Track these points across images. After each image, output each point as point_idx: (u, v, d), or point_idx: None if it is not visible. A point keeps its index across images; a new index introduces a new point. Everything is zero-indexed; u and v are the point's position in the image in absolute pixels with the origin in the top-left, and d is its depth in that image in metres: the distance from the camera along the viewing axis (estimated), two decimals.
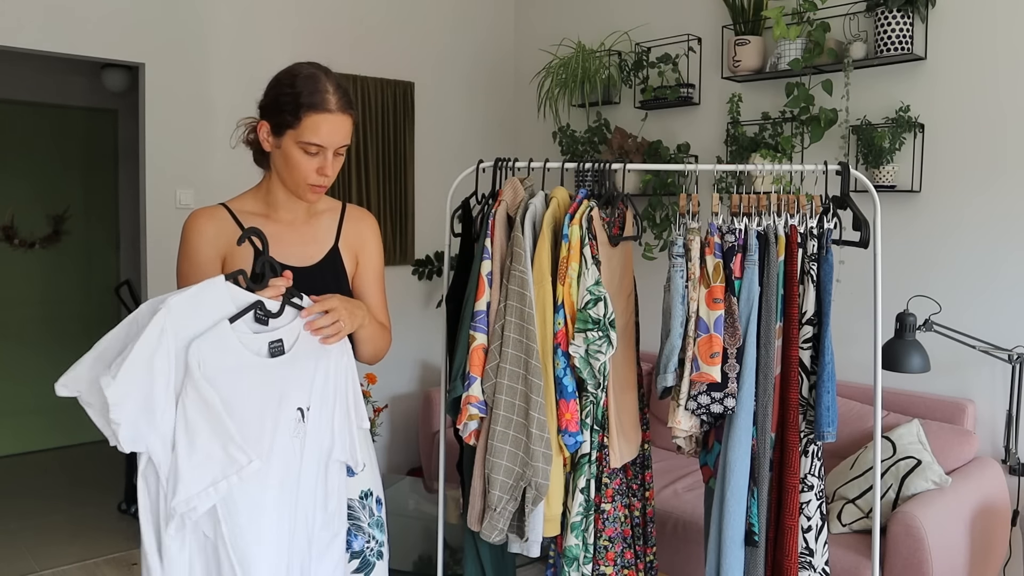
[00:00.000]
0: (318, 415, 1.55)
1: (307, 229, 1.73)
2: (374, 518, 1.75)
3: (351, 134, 1.65)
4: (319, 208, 1.78)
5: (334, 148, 1.61)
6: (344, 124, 1.61)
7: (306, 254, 1.71)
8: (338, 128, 1.60)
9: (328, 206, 1.80)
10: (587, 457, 2.06)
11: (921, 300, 3.10)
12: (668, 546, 2.89)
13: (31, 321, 5.10)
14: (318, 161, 1.60)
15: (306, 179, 1.62)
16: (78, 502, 4.26)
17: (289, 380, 1.49)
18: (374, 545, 1.73)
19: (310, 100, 1.57)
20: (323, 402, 1.56)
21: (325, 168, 1.61)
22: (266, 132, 1.64)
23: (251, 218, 1.69)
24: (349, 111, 1.62)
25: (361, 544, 1.71)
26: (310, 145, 1.58)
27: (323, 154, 1.60)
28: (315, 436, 1.54)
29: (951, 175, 3.16)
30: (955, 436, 2.90)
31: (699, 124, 3.93)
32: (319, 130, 1.58)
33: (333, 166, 1.63)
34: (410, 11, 4.35)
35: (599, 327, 1.98)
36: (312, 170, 1.61)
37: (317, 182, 1.62)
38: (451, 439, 3.46)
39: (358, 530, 1.71)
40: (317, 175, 1.62)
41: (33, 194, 5.07)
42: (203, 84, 3.67)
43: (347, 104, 1.62)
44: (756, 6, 3.58)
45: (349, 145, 1.67)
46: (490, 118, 4.74)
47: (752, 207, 2.08)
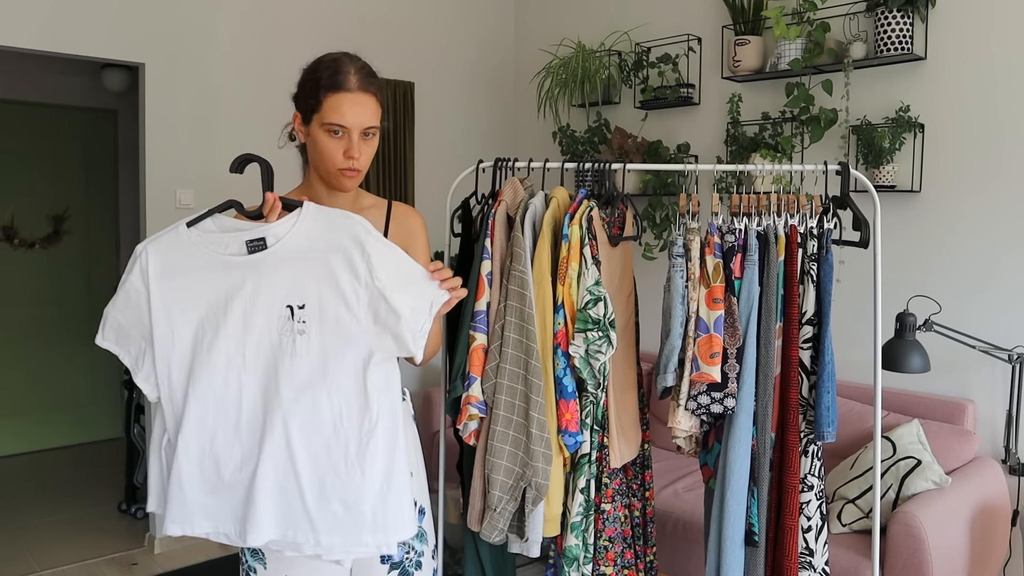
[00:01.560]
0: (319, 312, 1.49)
1: None
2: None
3: (377, 116, 1.64)
4: (364, 204, 1.75)
5: (359, 129, 1.60)
6: (365, 103, 1.61)
7: None
8: (359, 107, 1.60)
9: (373, 202, 1.77)
10: (587, 457, 2.06)
11: (921, 300, 3.10)
12: (668, 546, 2.89)
13: (31, 321, 5.10)
14: (344, 143, 1.60)
15: (335, 163, 1.61)
16: (78, 502, 4.26)
17: (276, 277, 1.48)
18: (413, 556, 1.69)
19: (329, 81, 1.59)
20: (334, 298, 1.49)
21: (351, 150, 1.60)
22: (298, 122, 1.67)
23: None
24: (370, 90, 1.62)
25: (401, 554, 1.68)
26: (333, 126, 1.59)
27: (347, 136, 1.60)
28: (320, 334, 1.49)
29: (951, 175, 3.16)
30: (955, 436, 2.90)
31: (699, 124, 3.93)
32: (339, 109, 1.58)
33: (362, 149, 1.62)
34: (410, 11, 4.35)
35: (599, 327, 1.98)
36: (339, 153, 1.60)
37: (345, 165, 1.61)
38: (451, 439, 3.46)
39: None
40: (344, 158, 1.60)
41: (33, 194, 5.07)
42: (203, 84, 3.67)
43: (368, 84, 1.62)
44: (756, 6, 3.58)
45: (379, 128, 1.66)
46: (490, 118, 4.74)
47: (752, 207, 2.08)
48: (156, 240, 1.52)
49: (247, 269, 1.49)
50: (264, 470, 1.48)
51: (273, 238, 1.50)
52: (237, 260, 1.49)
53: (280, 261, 1.49)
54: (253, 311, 1.48)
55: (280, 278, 1.49)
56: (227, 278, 1.49)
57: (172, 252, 1.51)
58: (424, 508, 1.74)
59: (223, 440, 1.50)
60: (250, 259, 1.49)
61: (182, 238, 1.51)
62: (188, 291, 1.50)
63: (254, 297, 1.48)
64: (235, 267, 1.49)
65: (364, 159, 1.64)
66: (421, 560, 1.71)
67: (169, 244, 1.51)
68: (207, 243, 1.50)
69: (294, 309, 1.49)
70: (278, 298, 1.49)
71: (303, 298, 1.49)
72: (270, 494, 1.48)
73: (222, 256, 1.49)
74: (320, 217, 1.52)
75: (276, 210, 1.50)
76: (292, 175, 1.84)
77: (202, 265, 1.50)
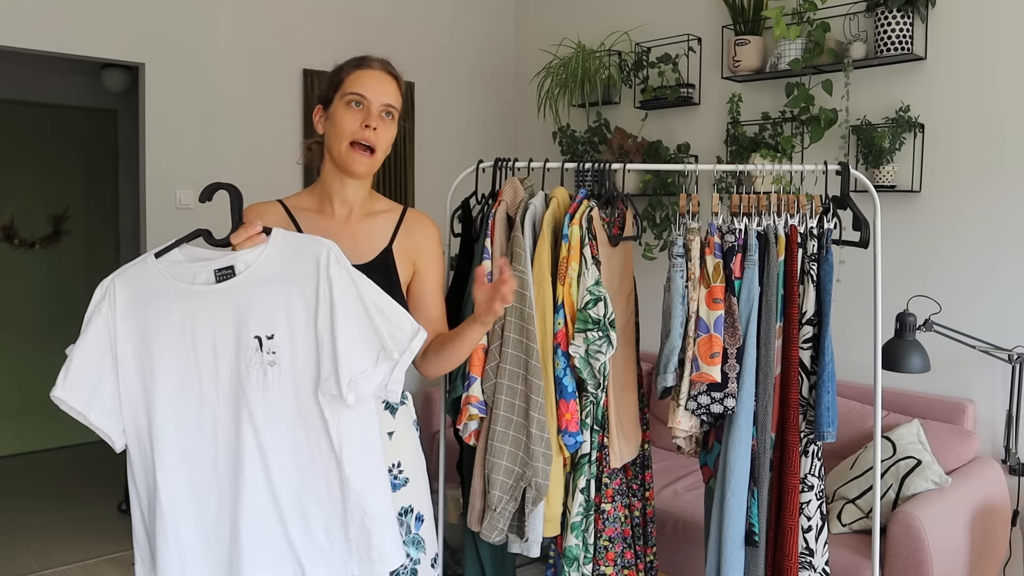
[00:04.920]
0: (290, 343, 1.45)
1: (361, 227, 1.71)
2: (410, 535, 1.68)
3: (398, 99, 1.68)
4: (377, 208, 1.75)
5: (378, 103, 1.64)
6: (387, 81, 1.67)
7: (356, 252, 1.66)
8: (380, 82, 1.65)
9: (387, 207, 1.77)
10: (587, 457, 2.06)
11: (921, 300, 3.10)
12: (668, 546, 2.89)
13: (31, 321, 5.10)
14: (362, 115, 1.63)
15: (350, 134, 1.62)
16: (78, 502, 4.26)
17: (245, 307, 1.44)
18: (409, 564, 1.67)
19: (354, 62, 1.68)
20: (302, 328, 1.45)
21: (370, 119, 1.62)
22: (319, 116, 1.70)
23: (305, 214, 1.69)
24: (392, 72, 1.69)
25: None
26: (354, 96, 1.63)
27: (367, 108, 1.63)
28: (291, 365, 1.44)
29: (951, 175, 3.16)
30: (955, 436, 2.90)
31: (699, 124, 3.93)
32: (361, 80, 1.64)
33: (380, 125, 1.63)
34: (410, 11, 4.35)
35: (599, 327, 1.98)
36: (357, 123, 1.62)
37: (360, 136, 1.61)
38: (451, 439, 3.46)
39: None
40: (361, 128, 1.62)
41: (33, 194, 5.07)
42: (203, 84, 3.67)
43: (390, 67, 1.69)
44: (756, 6, 3.58)
45: (398, 113, 1.68)
46: (490, 118, 4.74)
47: (752, 207, 2.08)
48: (123, 272, 1.47)
49: (216, 298, 1.44)
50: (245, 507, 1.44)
51: (243, 265, 1.45)
52: (206, 290, 1.44)
53: (249, 289, 1.45)
54: (224, 342, 1.44)
55: (249, 307, 1.44)
56: (196, 308, 1.44)
57: (140, 283, 1.46)
58: (423, 515, 1.72)
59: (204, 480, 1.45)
60: (219, 288, 1.45)
61: (150, 269, 1.46)
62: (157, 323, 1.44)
63: (224, 328, 1.44)
64: (204, 297, 1.44)
65: (381, 138, 1.65)
66: (417, 568, 1.68)
67: (137, 275, 1.46)
68: (175, 274, 1.45)
69: (262, 340, 1.44)
70: (246, 328, 1.44)
71: (272, 327, 1.44)
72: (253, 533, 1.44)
73: (190, 286, 1.44)
74: (288, 243, 1.48)
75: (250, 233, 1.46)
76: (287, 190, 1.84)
77: (168, 296, 1.44)
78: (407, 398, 1.75)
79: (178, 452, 1.45)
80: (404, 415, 1.72)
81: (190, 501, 1.45)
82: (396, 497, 1.66)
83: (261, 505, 1.45)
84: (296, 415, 1.45)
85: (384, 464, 1.51)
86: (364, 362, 1.45)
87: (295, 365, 1.45)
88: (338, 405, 1.45)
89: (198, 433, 1.45)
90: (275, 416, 1.45)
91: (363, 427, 1.48)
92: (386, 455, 1.64)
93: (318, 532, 1.47)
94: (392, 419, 1.69)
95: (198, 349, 1.44)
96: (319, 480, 1.46)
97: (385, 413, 1.68)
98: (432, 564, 1.72)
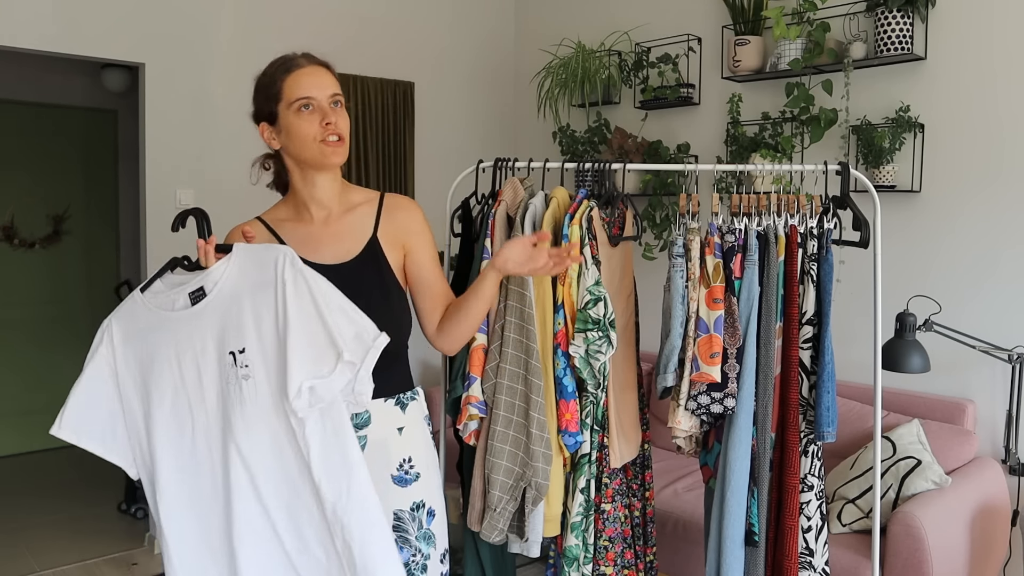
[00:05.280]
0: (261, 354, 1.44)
1: (342, 225, 1.70)
2: (422, 531, 1.67)
3: (337, 86, 1.66)
4: (354, 201, 1.74)
5: (325, 98, 1.62)
6: (322, 74, 1.64)
7: (342, 250, 1.67)
8: (317, 77, 1.63)
9: (365, 198, 1.76)
10: (587, 457, 2.06)
11: (921, 300, 3.10)
12: (668, 546, 2.89)
13: (31, 321, 5.10)
14: (317, 114, 1.61)
15: (316, 136, 1.60)
16: (78, 502, 4.26)
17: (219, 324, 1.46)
18: (419, 559, 1.66)
19: (281, 68, 1.64)
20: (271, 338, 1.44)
21: (327, 117, 1.61)
22: (267, 132, 1.66)
23: (284, 225, 1.69)
24: (321, 63, 1.66)
25: (407, 556, 1.65)
26: (301, 100, 1.60)
27: (318, 107, 1.61)
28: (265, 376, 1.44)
29: (951, 175, 3.16)
30: (955, 436, 2.90)
31: (699, 124, 3.93)
32: (299, 84, 1.61)
33: (336, 116, 1.62)
34: (410, 11, 4.35)
35: (599, 327, 1.98)
36: (316, 125, 1.61)
37: (326, 135, 1.61)
38: (451, 439, 3.46)
39: (404, 542, 1.65)
40: (323, 128, 1.61)
41: (33, 194, 5.06)
42: (203, 84, 3.67)
43: (314, 60, 1.66)
44: (756, 6, 3.58)
45: (343, 97, 1.67)
46: (490, 118, 4.74)
47: (752, 207, 2.08)
48: (117, 311, 1.53)
49: (193, 321, 1.47)
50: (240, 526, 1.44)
51: (211, 284, 1.48)
52: (184, 314, 1.48)
53: (218, 307, 1.47)
54: (206, 362, 1.46)
55: (223, 324, 1.46)
56: (177, 334, 1.47)
57: (131, 319, 1.51)
58: (435, 510, 1.71)
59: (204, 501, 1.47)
60: (194, 311, 1.47)
61: (137, 304, 1.51)
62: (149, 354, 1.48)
63: (204, 348, 1.46)
64: (183, 322, 1.47)
65: (342, 126, 1.64)
66: (427, 563, 1.68)
67: (127, 312, 1.52)
68: (158, 304, 1.50)
69: (236, 354, 1.45)
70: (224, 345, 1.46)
71: (242, 341, 1.45)
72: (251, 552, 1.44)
73: (170, 314, 1.48)
74: (247, 255, 1.49)
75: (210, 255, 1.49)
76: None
77: (154, 326, 1.49)
78: (418, 393, 1.75)
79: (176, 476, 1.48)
80: (415, 410, 1.72)
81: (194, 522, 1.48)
82: (408, 492, 1.66)
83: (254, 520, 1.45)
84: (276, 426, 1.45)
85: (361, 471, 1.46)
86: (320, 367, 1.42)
87: (268, 376, 1.45)
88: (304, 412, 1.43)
89: (192, 455, 1.48)
90: (255, 430, 1.45)
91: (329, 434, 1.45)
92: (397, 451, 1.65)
93: (315, 546, 1.46)
94: (402, 414, 1.69)
95: (184, 373, 1.47)
96: (307, 492, 1.45)
97: (395, 409, 1.68)
98: (441, 559, 1.71)
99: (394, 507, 1.65)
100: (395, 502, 1.65)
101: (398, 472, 1.66)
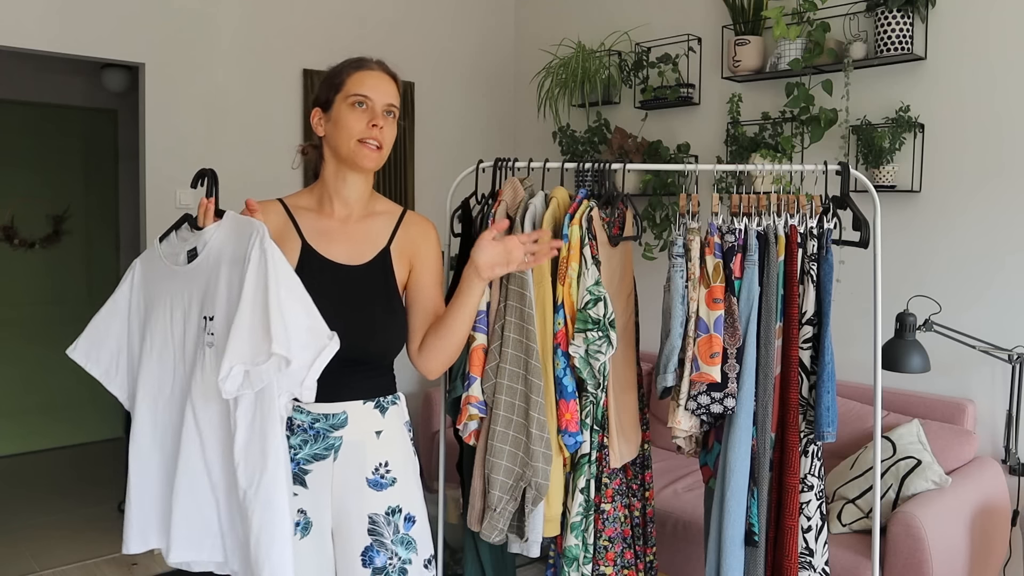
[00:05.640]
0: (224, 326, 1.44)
1: (360, 228, 1.71)
2: (398, 535, 1.67)
3: (397, 98, 1.71)
4: (376, 209, 1.76)
5: (382, 104, 1.66)
6: (387, 81, 1.70)
7: (355, 253, 1.68)
8: (382, 83, 1.68)
9: (387, 208, 1.77)
10: (587, 457, 2.06)
11: (921, 300, 3.10)
12: (668, 546, 2.89)
13: (30, 321, 5.10)
14: (368, 115, 1.64)
15: (357, 134, 1.63)
16: (78, 502, 4.26)
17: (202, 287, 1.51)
18: (396, 562, 1.66)
19: (353, 64, 1.70)
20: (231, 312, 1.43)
21: (376, 119, 1.64)
22: (318, 118, 1.71)
23: (304, 212, 1.70)
24: (390, 73, 1.72)
25: (383, 560, 1.65)
26: (357, 97, 1.64)
27: (371, 107, 1.65)
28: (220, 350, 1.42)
29: (951, 175, 3.16)
30: (955, 436, 2.90)
31: (699, 124, 3.93)
32: (363, 82, 1.66)
33: (385, 124, 1.66)
34: (410, 11, 4.35)
35: (599, 327, 1.98)
36: (363, 123, 1.64)
37: (368, 135, 1.63)
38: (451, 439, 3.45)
39: (380, 546, 1.65)
40: (368, 128, 1.63)
41: (33, 194, 5.06)
42: (203, 84, 3.67)
43: (389, 68, 1.72)
44: (756, 6, 3.58)
45: (398, 112, 1.71)
46: (490, 118, 4.74)
47: (752, 207, 2.08)
48: (144, 253, 1.63)
49: (185, 277, 1.54)
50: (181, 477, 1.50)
51: (202, 245, 1.53)
52: (181, 270, 1.55)
53: (203, 270, 1.52)
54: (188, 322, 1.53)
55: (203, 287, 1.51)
56: (173, 288, 1.55)
57: (149, 263, 1.61)
58: (414, 516, 1.70)
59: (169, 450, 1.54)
60: (188, 268, 1.54)
61: (154, 251, 1.60)
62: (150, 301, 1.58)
63: (189, 308, 1.53)
64: (179, 276, 1.54)
65: (387, 136, 1.67)
66: (407, 568, 1.67)
67: (148, 256, 1.61)
68: (167, 254, 1.58)
69: (207, 320, 1.50)
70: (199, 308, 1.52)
71: (212, 308, 1.49)
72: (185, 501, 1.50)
73: (173, 267, 1.56)
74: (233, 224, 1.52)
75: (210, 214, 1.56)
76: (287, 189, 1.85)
77: (162, 275, 1.57)
78: (399, 398, 1.76)
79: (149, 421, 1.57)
80: (394, 415, 1.73)
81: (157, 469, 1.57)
82: (383, 496, 1.66)
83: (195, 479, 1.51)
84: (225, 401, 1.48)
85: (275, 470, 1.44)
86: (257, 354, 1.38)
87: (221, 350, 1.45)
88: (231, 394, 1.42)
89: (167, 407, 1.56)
90: (209, 397, 1.48)
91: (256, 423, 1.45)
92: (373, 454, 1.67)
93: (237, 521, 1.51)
94: (381, 418, 1.69)
95: (174, 326, 1.55)
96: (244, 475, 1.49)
97: (374, 412, 1.68)
98: (425, 565, 1.70)
99: (368, 511, 1.65)
100: (369, 505, 1.65)
101: (373, 476, 1.66)
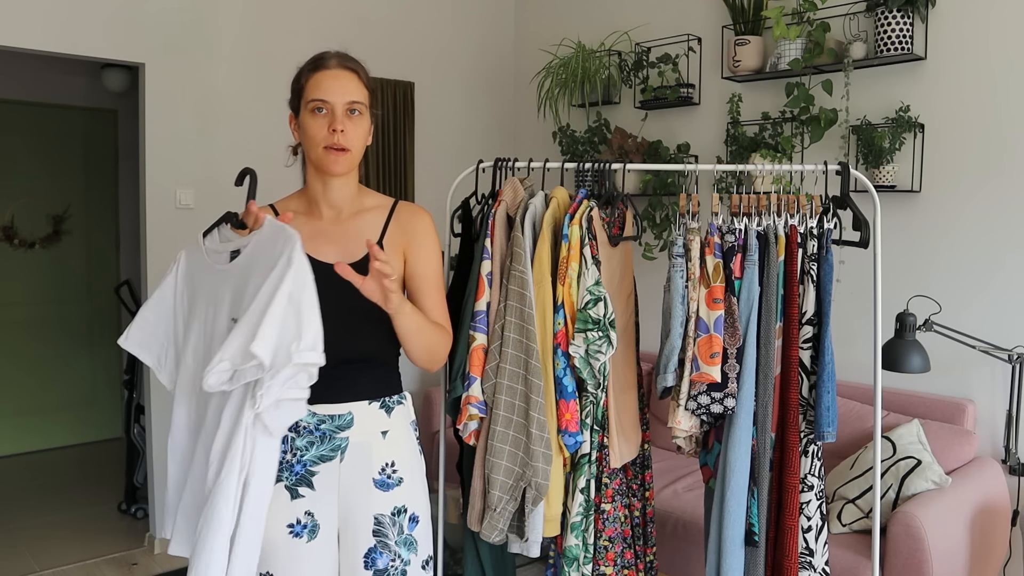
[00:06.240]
0: None
1: (351, 226, 1.70)
2: (402, 536, 1.66)
3: (362, 94, 1.66)
4: (367, 204, 1.74)
5: (341, 104, 1.62)
6: (345, 78, 1.64)
7: (347, 251, 1.66)
8: (338, 82, 1.63)
9: (377, 203, 1.76)
10: (587, 457, 2.06)
11: (921, 300, 3.10)
12: (668, 546, 2.89)
13: (31, 321, 5.10)
14: (327, 119, 1.62)
15: (321, 141, 1.62)
16: (78, 502, 4.26)
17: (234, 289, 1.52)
18: (399, 564, 1.65)
19: (310, 66, 1.67)
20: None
21: (335, 124, 1.61)
22: (293, 124, 1.71)
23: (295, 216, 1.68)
24: (349, 67, 1.66)
25: (386, 562, 1.64)
26: (315, 103, 1.62)
27: (331, 111, 1.62)
28: None
29: (951, 175, 3.16)
30: (955, 436, 2.90)
31: (699, 124, 3.93)
32: (319, 85, 1.63)
33: (347, 125, 1.62)
34: (410, 11, 4.35)
35: (599, 327, 1.98)
36: (324, 129, 1.61)
37: (330, 142, 1.61)
38: (451, 439, 3.46)
39: (384, 547, 1.64)
40: (329, 134, 1.61)
41: (33, 194, 5.06)
42: (203, 84, 3.67)
43: (347, 61, 1.67)
44: (756, 6, 3.58)
45: (369, 110, 1.67)
46: (490, 118, 4.74)
47: (752, 207, 2.08)
48: (188, 246, 1.63)
49: (223, 277, 1.54)
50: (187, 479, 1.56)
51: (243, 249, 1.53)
52: (221, 268, 1.55)
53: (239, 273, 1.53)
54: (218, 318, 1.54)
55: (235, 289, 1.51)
56: (213, 284, 1.55)
57: (193, 256, 1.61)
58: (418, 517, 1.70)
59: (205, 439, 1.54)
60: (227, 267, 1.55)
61: (197, 245, 1.61)
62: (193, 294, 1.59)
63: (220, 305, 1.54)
64: (220, 275, 1.55)
65: (352, 137, 1.63)
66: (407, 569, 1.66)
67: (193, 250, 1.62)
68: (210, 251, 1.59)
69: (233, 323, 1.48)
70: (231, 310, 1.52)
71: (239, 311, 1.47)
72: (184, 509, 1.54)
73: (216, 264, 1.57)
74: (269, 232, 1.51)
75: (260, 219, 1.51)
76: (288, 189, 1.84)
77: (204, 270, 1.58)
78: (405, 398, 1.75)
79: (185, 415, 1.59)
80: (400, 415, 1.72)
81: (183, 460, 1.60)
82: (389, 497, 1.66)
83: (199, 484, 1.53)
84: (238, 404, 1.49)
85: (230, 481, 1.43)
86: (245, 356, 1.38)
87: None
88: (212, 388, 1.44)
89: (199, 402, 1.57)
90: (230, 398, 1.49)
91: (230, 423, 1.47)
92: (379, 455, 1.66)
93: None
94: (387, 418, 1.69)
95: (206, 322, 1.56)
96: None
97: (380, 412, 1.68)
98: (423, 566, 1.70)
99: (375, 511, 1.64)
100: (376, 506, 1.64)
101: (380, 476, 1.65)
